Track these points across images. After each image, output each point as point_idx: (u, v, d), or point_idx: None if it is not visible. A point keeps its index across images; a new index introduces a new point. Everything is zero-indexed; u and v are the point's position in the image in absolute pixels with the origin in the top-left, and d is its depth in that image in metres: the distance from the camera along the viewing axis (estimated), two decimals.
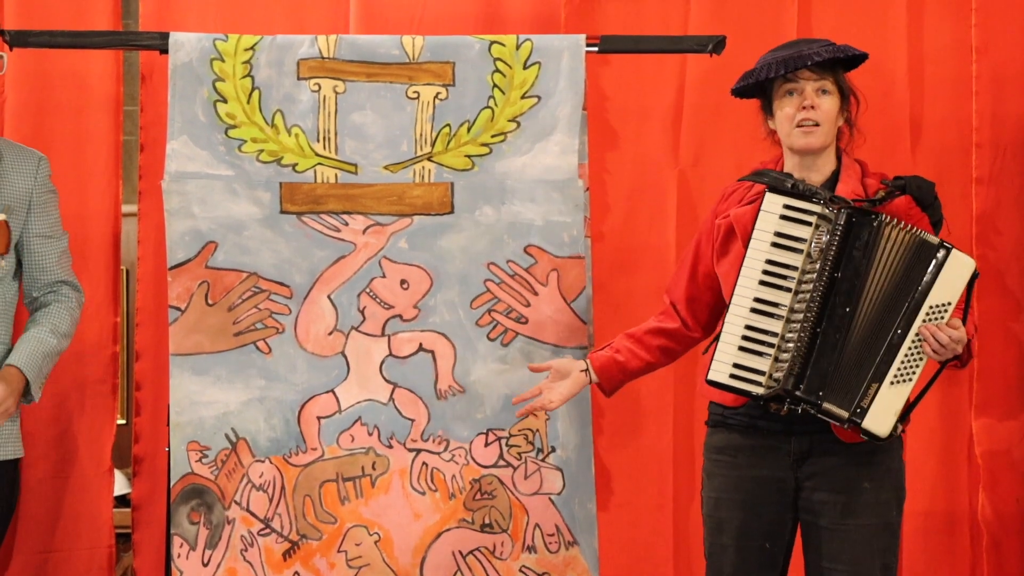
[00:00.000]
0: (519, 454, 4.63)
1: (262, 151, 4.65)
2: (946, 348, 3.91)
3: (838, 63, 4.12)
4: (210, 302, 4.61)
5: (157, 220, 4.83)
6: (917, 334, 3.92)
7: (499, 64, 4.68)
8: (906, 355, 3.93)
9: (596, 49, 4.74)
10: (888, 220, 3.95)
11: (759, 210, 4.01)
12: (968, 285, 3.94)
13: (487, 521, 4.63)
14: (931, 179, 5.06)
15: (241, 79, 4.66)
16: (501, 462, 4.63)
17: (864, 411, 3.93)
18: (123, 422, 5.48)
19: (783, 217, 3.99)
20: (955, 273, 3.93)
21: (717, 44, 4.73)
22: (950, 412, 5.12)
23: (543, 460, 4.62)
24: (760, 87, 4.17)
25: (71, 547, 4.98)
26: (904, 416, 3.96)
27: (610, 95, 5.10)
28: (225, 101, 4.65)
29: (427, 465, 4.63)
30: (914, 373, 3.93)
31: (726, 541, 4.13)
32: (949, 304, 3.93)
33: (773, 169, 4.15)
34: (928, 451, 5.11)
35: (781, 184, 4.04)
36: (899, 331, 3.92)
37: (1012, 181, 5.09)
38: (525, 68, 4.69)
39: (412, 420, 4.63)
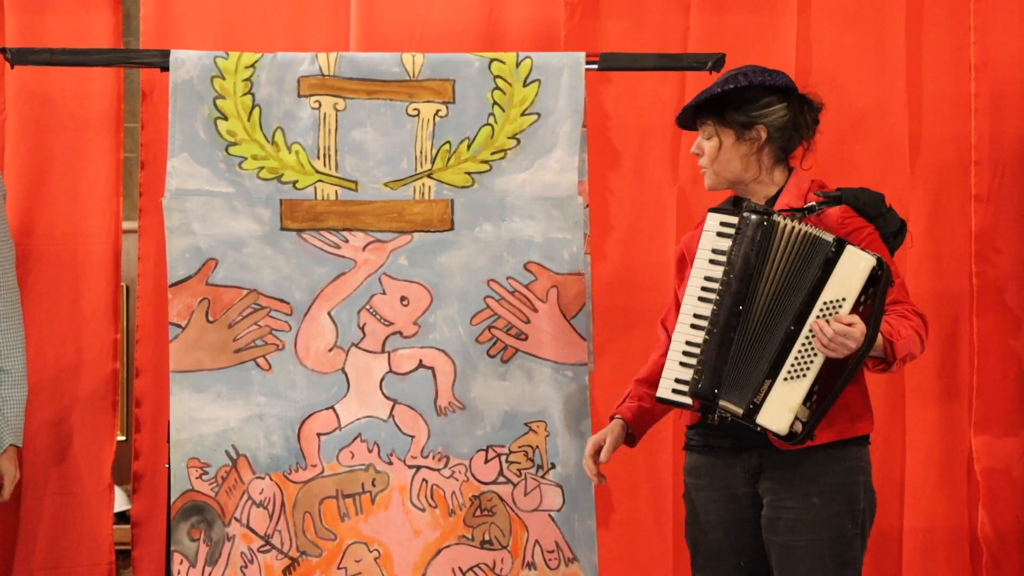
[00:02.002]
0: (519, 471, 4.63)
1: (262, 168, 4.66)
2: (834, 342, 3.87)
3: (713, 104, 4.13)
4: (210, 319, 4.62)
5: (158, 237, 4.83)
6: (810, 330, 3.92)
7: (499, 81, 4.69)
8: (799, 351, 3.92)
9: (596, 66, 4.75)
10: (782, 220, 3.96)
11: (703, 230, 4.06)
12: (872, 284, 3.90)
13: (487, 538, 4.63)
14: (930, 196, 5.09)
15: (242, 96, 4.67)
16: (501, 479, 4.63)
17: (757, 407, 3.93)
18: (123, 439, 5.49)
19: (719, 234, 4.03)
20: (849, 269, 3.90)
21: (716, 61, 4.74)
22: (949, 429, 5.12)
23: (543, 477, 4.62)
24: None
25: (71, 564, 4.98)
26: (814, 416, 3.93)
27: (611, 113, 5.11)
28: (226, 118, 4.66)
29: (427, 482, 4.63)
30: (807, 369, 3.91)
31: (700, 562, 4.14)
32: (843, 300, 3.90)
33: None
34: (927, 468, 5.11)
35: (724, 205, 4.10)
36: (792, 327, 3.92)
37: (1011, 199, 5.10)
38: (525, 85, 4.70)
39: (412, 437, 4.63)
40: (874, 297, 3.92)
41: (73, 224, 4.96)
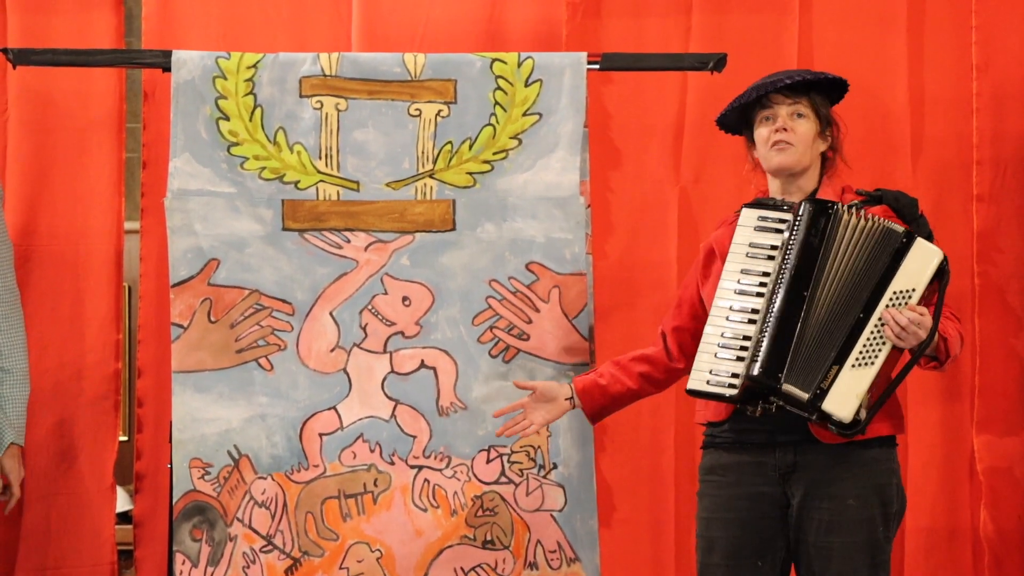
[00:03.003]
0: (521, 471, 4.63)
1: (264, 168, 4.66)
2: (906, 331, 3.91)
3: (813, 88, 4.16)
4: (212, 319, 4.62)
5: (159, 237, 4.84)
6: (880, 319, 3.93)
7: (501, 82, 4.69)
8: (868, 339, 3.94)
9: (597, 67, 4.75)
10: (846, 208, 3.99)
11: (737, 225, 4.06)
12: (937, 277, 3.96)
13: (489, 538, 4.63)
14: (932, 196, 5.09)
15: (243, 97, 4.67)
16: (503, 479, 4.63)
17: (824, 392, 3.93)
18: (125, 439, 5.49)
19: (757, 228, 4.05)
20: (919, 261, 3.96)
21: (718, 62, 4.74)
22: (951, 429, 5.12)
23: (545, 477, 4.62)
24: (745, 120, 4.21)
25: (73, 564, 4.99)
26: (873, 407, 3.96)
27: (612, 113, 5.11)
28: (227, 119, 4.66)
29: (429, 482, 4.63)
30: (876, 357, 3.93)
31: (717, 560, 4.12)
32: (913, 291, 3.95)
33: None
34: (929, 468, 5.11)
35: (756, 201, 4.11)
36: (861, 315, 3.94)
37: (1013, 199, 5.10)
38: (527, 86, 4.70)
39: (414, 437, 4.63)
40: (938, 291, 3.97)
41: (75, 224, 4.96)
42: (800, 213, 4.01)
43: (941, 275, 3.97)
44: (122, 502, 5.35)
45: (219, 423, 4.61)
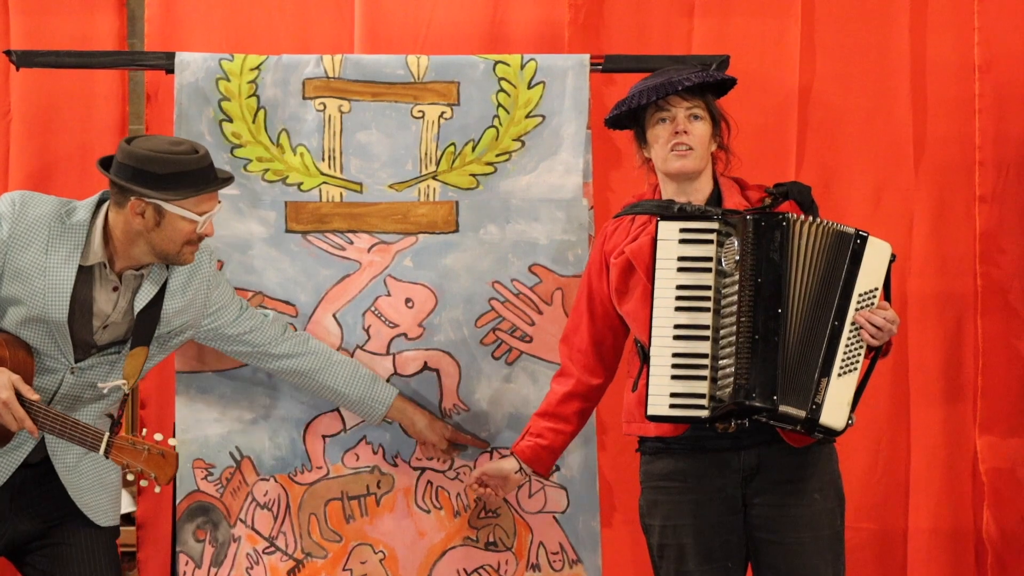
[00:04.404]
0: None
1: (267, 170, 4.67)
2: (883, 330, 3.96)
3: (708, 88, 4.17)
4: None
5: None
6: (853, 323, 3.95)
7: (504, 83, 4.69)
8: (847, 345, 3.96)
9: (600, 68, 4.75)
10: (796, 218, 3.98)
11: (655, 239, 4.03)
12: (888, 269, 4.00)
13: (491, 539, 4.64)
14: (934, 197, 5.10)
15: (247, 99, 4.67)
16: None
17: (819, 407, 3.94)
18: None
19: (682, 241, 4.02)
20: (875, 258, 3.98)
21: (720, 63, 4.74)
22: (954, 430, 5.12)
23: (547, 479, 4.62)
24: (633, 117, 4.21)
25: None
26: (853, 408, 3.98)
27: None
28: (231, 120, 4.66)
29: (432, 483, 4.63)
30: (857, 361, 3.97)
31: (692, 567, 4.11)
32: (876, 289, 3.98)
33: (651, 199, 4.19)
34: (932, 469, 5.11)
35: (669, 210, 4.09)
36: (836, 323, 3.95)
37: (1015, 199, 5.10)
38: (529, 87, 4.70)
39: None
40: (886, 283, 4.00)
41: None
42: (747, 229, 3.97)
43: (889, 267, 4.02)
44: (125, 503, 5.34)
45: (222, 424, 4.61)
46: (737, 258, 3.98)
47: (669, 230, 4.03)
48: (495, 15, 5.07)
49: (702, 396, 3.98)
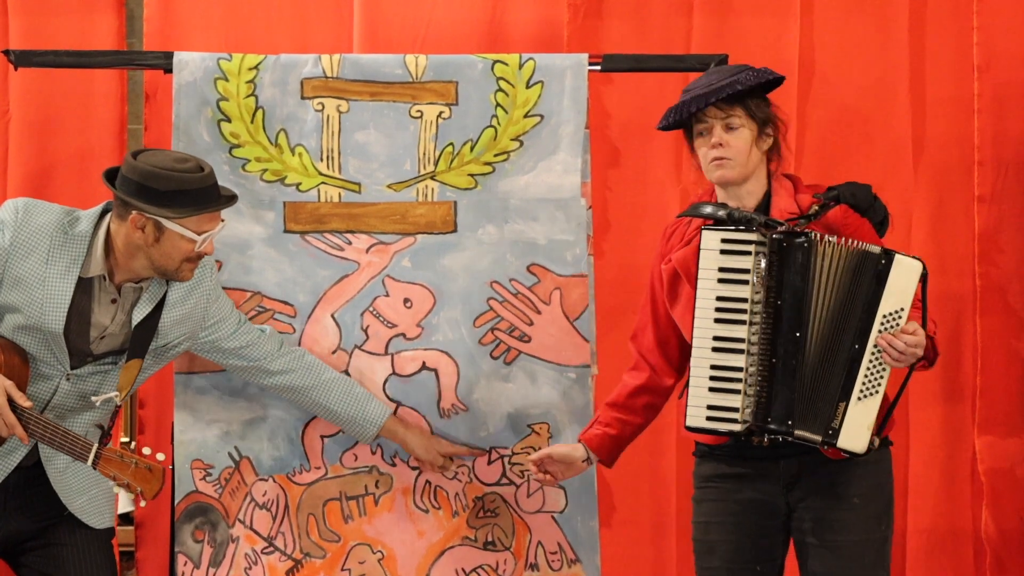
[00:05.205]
0: (522, 472, 4.63)
1: (266, 170, 4.66)
2: (904, 354, 3.90)
3: (734, 96, 4.08)
4: None
5: None
6: (875, 345, 3.91)
7: (502, 83, 4.69)
8: (868, 368, 3.92)
9: (599, 68, 4.75)
10: (820, 238, 3.94)
11: (699, 249, 4.01)
12: (920, 285, 3.93)
13: (490, 539, 4.64)
14: (933, 197, 5.09)
15: (245, 98, 4.67)
16: (504, 480, 4.64)
17: (836, 431, 3.93)
18: (127, 440, 5.49)
19: (723, 252, 3.99)
20: (902, 279, 3.91)
21: (719, 63, 4.73)
22: (953, 430, 5.12)
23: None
24: (681, 125, 4.18)
25: None
26: (881, 427, 3.96)
27: (612, 113, 5.12)
28: (229, 120, 4.66)
29: (430, 483, 4.63)
30: (879, 385, 3.92)
31: (717, 563, 4.13)
32: (902, 310, 3.91)
33: (709, 201, 4.17)
34: (931, 469, 5.11)
35: (716, 217, 4.05)
36: (856, 346, 3.92)
37: (1014, 199, 5.10)
38: (528, 87, 4.70)
39: None
40: (922, 299, 3.93)
41: None
42: (772, 247, 3.95)
43: (923, 285, 3.93)
44: (124, 504, 5.35)
45: (221, 424, 4.61)
46: (764, 275, 3.96)
47: (711, 240, 4.01)
48: (494, 15, 5.08)
49: (736, 410, 3.98)
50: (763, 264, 3.96)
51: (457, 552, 4.62)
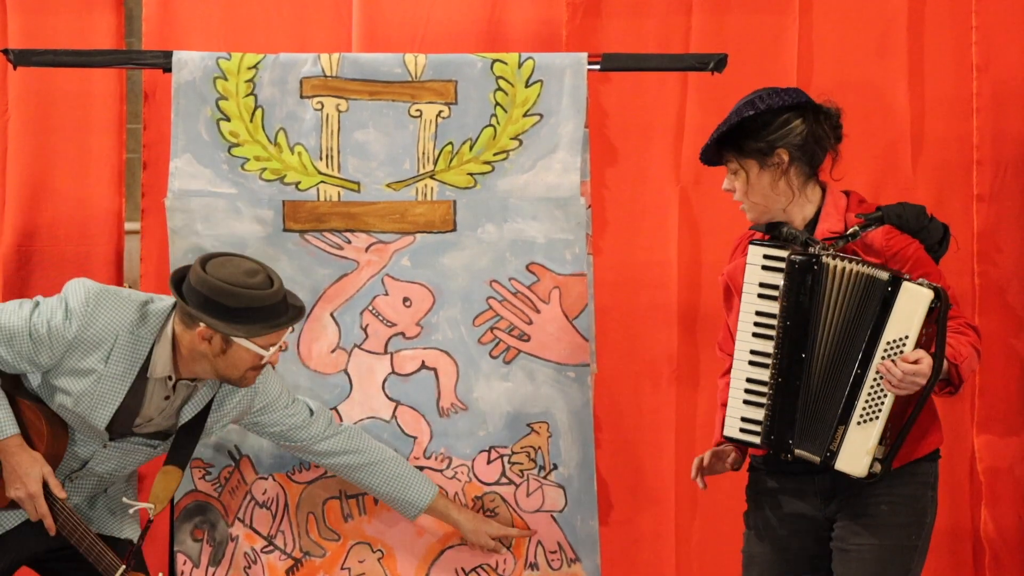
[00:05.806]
0: (521, 471, 4.63)
1: (265, 169, 4.66)
2: (903, 382, 3.86)
3: (730, 140, 4.05)
4: None
5: (160, 238, 4.84)
6: (877, 372, 3.89)
7: (501, 82, 4.69)
8: (869, 394, 3.91)
9: (598, 67, 4.75)
10: (831, 262, 3.93)
11: (747, 263, 4.03)
12: (930, 315, 3.87)
13: None
14: (932, 196, 5.09)
15: (244, 97, 4.67)
16: (503, 479, 4.64)
17: (834, 454, 3.93)
18: None
19: (764, 267, 4.01)
20: (909, 305, 3.88)
21: (718, 62, 4.74)
22: (952, 429, 5.11)
23: (545, 478, 4.62)
24: None
25: None
26: (891, 451, 3.94)
27: (611, 112, 5.12)
28: (228, 119, 4.66)
29: None
30: (880, 411, 3.90)
31: (754, 573, 4.15)
32: (907, 337, 3.88)
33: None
34: None
35: (772, 233, 4.05)
36: (858, 371, 3.91)
37: (1013, 198, 5.10)
38: (527, 86, 4.70)
39: (415, 438, 4.63)
40: (936, 327, 3.89)
41: (76, 225, 4.96)
42: (788, 270, 3.95)
43: (934, 313, 3.88)
44: None
45: None
46: (782, 294, 3.97)
47: (755, 255, 4.02)
48: (493, 14, 5.08)
49: (759, 423, 4.01)
50: (783, 283, 3.97)
51: (457, 551, 4.62)
